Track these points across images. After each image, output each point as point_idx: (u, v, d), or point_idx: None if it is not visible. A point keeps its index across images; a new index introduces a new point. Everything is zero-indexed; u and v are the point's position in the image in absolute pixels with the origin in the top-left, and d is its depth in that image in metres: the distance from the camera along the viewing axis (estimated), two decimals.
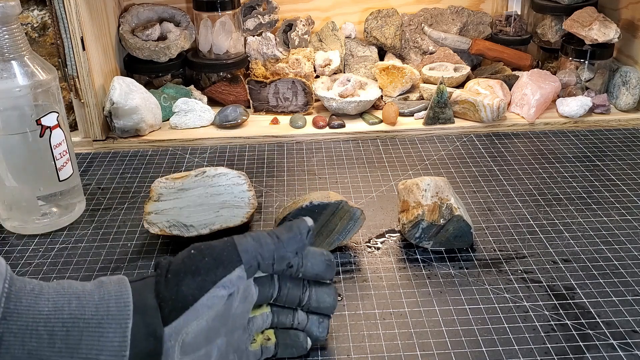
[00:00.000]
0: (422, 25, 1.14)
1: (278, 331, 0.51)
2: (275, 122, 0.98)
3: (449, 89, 0.98)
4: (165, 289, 0.42)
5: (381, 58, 1.12)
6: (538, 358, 0.52)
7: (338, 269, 0.64)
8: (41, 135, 0.69)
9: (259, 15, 1.10)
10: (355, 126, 0.97)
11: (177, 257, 0.45)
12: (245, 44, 1.09)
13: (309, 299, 0.50)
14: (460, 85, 1.04)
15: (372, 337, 0.55)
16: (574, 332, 0.55)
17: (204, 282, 0.43)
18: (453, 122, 0.97)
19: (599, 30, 0.98)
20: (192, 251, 0.45)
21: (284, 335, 0.50)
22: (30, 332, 0.38)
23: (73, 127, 0.95)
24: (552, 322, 0.56)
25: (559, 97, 1.02)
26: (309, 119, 0.98)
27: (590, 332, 0.55)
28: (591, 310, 0.57)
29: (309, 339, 0.51)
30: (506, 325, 0.56)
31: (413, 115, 0.99)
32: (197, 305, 0.42)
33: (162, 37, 1.04)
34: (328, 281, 0.52)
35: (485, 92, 0.97)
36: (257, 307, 0.50)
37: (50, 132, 0.69)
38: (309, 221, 0.49)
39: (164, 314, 0.41)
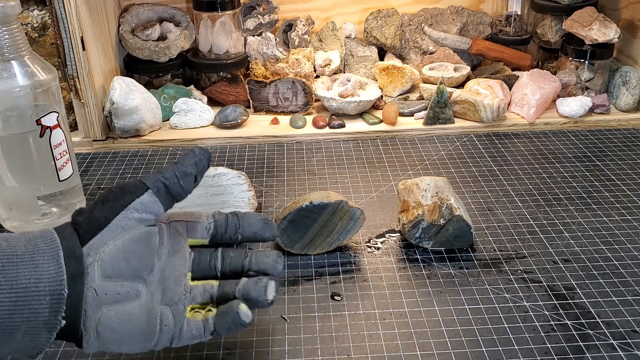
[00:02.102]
0: (422, 25, 1.14)
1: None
2: (275, 122, 0.98)
3: (449, 89, 0.98)
4: (79, 217, 0.45)
5: (381, 58, 1.12)
6: (538, 358, 0.52)
7: (338, 269, 0.64)
8: (41, 135, 0.69)
9: (259, 15, 1.10)
10: (355, 126, 0.97)
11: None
12: (245, 44, 1.09)
13: (249, 263, 0.50)
14: (460, 85, 1.04)
15: (372, 337, 0.55)
16: (574, 332, 0.55)
17: (114, 206, 0.45)
18: (453, 122, 0.97)
19: (599, 30, 0.98)
20: (101, 191, 0.48)
21: (222, 306, 0.48)
22: None
23: (73, 127, 0.95)
24: (552, 322, 0.56)
25: (559, 97, 1.02)
26: (309, 119, 0.98)
27: (590, 332, 0.55)
28: (591, 310, 0.57)
29: (243, 307, 0.46)
30: (506, 325, 0.56)
31: (413, 115, 0.99)
32: (110, 226, 0.44)
33: (162, 37, 1.04)
34: (275, 258, 0.51)
35: (485, 92, 0.97)
36: (201, 279, 0.50)
37: (50, 132, 0.69)
38: (203, 147, 0.51)
39: (80, 235, 0.44)
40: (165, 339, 0.46)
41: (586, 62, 1.02)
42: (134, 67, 1.04)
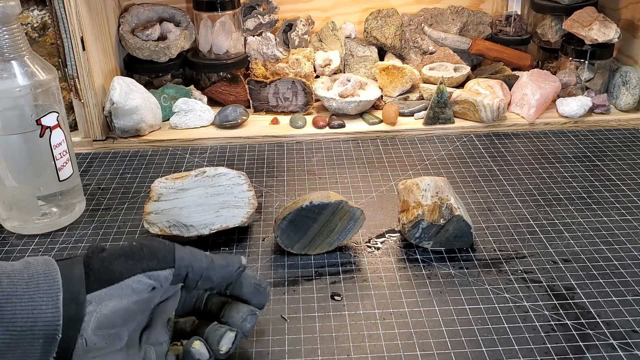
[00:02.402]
0: (422, 25, 1.14)
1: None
2: (275, 122, 0.98)
3: (449, 89, 0.98)
4: (96, 262, 0.44)
5: (381, 58, 1.12)
6: (538, 358, 0.52)
7: (338, 269, 0.64)
8: (41, 135, 0.69)
9: (259, 15, 1.10)
10: (355, 126, 0.97)
11: (114, 246, 0.48)
12: (245, 44, 1.09)
13: (223, 313, 0.51)
14: (460, 85, 1.04)
15: (372, 337, 0.55)
16: (574, 332, 0.55)
17: (134, 266, 0.45)
18: (453, 122, 0.97)
19: (599, 30, 0.98)
20: (134, 243, 0.47)
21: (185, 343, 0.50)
22: None
23: (73, 127, 0.95)
24: (552, 322, 0.56)
25: (559, 97, 1.02)
26: (309, 119, 0.98)
27: (590, 332, 0.55)
28: (591, 310, 0.57)
29: (196, 345, 0.48)
30: (506, 325, 0.56)
31: (413, 115, 0.99)
32: (123, 284, 0.44)
33: (162, 37, 1.04)
34: (257, 309, 0.52)
35: (485, 92, 0.97)
36: (183, 315, 0.52)
37: (50, 132, 0.69)
38: (243, 260, 0.51)
39: (89, 282, 0.43)
40: None
41: (586, 62, 1.02)
42: (134, 67, 1.04)
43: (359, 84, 1.01)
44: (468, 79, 1.05)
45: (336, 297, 0.60)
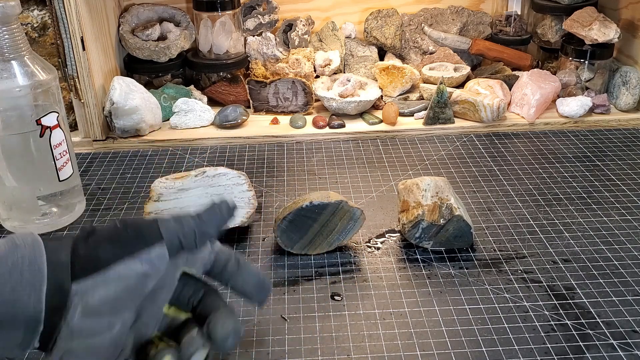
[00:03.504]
0: (422, 25, 1.14)
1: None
2: (275, 122, 0.98)
3: (449, 89, 0.98)
4: (83, 248, 0.42)
5: (381, 58, 1.12)
6: (538, 358, 0.52)
7: (338, 269, 0.64)
8: (41, 135, 0.68)
9: (259, 15, 1.10)
10: (355, 126, 0.97)
11: (102, 227, 0.45)
12: (245, 44, 1.09)
13: (207, 324, 0.47)
14: (460, 85, 1.04)
15: (372, 337, 0.55)
16: (574, 332, 0.55)
17: (121, 251, 0.42)
18: (453, 122, 0.97)
19: (599, 30, 0.98)
20: (117, 224, 0.45)
21: (153, 352, 0.47)
22: None
23: (73, 127, 0.95)
24: (552, 322, 0.56)
25: (559, 97, 1.02)
26: (309, 119, 0.98)
27: (590, 332, 0.55)
28: (591, 310, 0.57)
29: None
30: (506, 325, 0.56)
31: (413, 115, 0.99)
32: (109, 271, 0.42)
33: (162, 37, 1.04)
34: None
35: (485, 92, 0.97)
36: (176, 309, 0.49)
37: (50, 132, 0.69)
38: (231, 202, 0.48)
39: (75, 270, 0.41)
40: None
41: (586, 62, 1.02)
42: (134, 67, 1.04)
43: (359, 84, 1.01)
44: (468, 79, 1.05)
45: (336, 297, 0.60)
